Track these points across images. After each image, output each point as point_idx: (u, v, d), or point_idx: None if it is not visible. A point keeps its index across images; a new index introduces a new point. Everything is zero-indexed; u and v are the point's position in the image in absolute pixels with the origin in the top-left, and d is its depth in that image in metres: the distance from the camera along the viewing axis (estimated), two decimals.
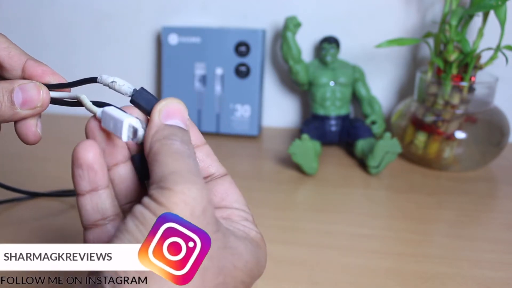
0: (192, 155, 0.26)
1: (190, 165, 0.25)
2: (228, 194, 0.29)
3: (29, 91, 0.29)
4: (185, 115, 0.28)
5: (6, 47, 0.31)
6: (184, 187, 0.23)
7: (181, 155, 0.25)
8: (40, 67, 0.31)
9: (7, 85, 0.29)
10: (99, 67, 0.87)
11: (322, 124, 0.73)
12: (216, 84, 0.78)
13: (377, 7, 0.76)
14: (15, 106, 0.29)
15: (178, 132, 0.27)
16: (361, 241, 0.49)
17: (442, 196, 0.59)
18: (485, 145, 0.65)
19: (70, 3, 0.85)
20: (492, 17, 0.63)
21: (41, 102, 0.30)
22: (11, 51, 0.31)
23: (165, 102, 0.28)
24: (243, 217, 0.28)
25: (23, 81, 0.30)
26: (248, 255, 0.26)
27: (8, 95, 0.29)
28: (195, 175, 0.24)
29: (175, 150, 0.25)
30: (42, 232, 0.50)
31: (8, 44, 0.31)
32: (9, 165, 0.66)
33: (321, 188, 0.61)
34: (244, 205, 0.29)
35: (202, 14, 0.81)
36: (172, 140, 0.26)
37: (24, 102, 0.29)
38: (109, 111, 0.27)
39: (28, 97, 0.29)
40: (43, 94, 0.30)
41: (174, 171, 0.24)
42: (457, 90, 0.64)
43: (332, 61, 0.74)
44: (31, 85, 0.30)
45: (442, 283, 0.42)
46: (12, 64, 0.31)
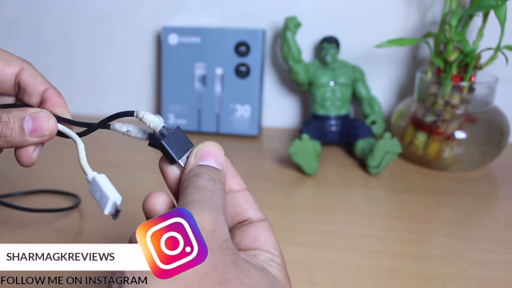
0: (217, 190, 0.28)
1: (209, 197, 0.27)
2: (260, 237, 0.30)
3: (39, 120, 0.31)
4: (219, 156, 0.30)
5: (32, 74, 0.33)
6: (197, 211, 0.25)
7: (203, 189, 0.27)
8: (57, 98, 0.33)
9: (19, 113, 0.31)
10: (99, 67, 0.87)
11: (322, 124, 0.73)
12: (216, 84, 0.78)
13: (377, 7, 0.76)
14: (25, 134, 0.30)
15: (208, 170, 0.29)
16: (361, 241, 0.49)
17: (442, 196, 0.59)
18: (485, 145, 0.65)
19: (70, 3, 0.85)
20: (492, 17, 0.63)
21: (49, 131, 0.31)
22: (36, 78, 0.33)
23: (201, 146, 0.30)
24: (269, 257, 0.29)
25: (34, 110, 0.31)
26: (260, 279, 0.26)
27: (20, 122, 0.30)
28: (211, 204, 0.27)
29: (199, 185, 0.28)
30: (42, 231, 0.50)
31: (34, 71, 0.33)
32: (9, 165, 0.65)
33: (321, 188, 0.61)
34: (274, 248, 0.30)
35: (202, 14, 0.81)
36: (198, 177, 0.28)
37: (34, 130, 0.31)
38: (99, 182, 0.29)
39: (38, 126, 0.31)
40: (52, 124, 0.31)
41: (192, 200, 0.26)
42: (457, 90, 0.64)
43: (332, 61, 0.74)
44: (42, 114, 0.31)
45: (442, 283, 0.42)
46: (34, 90, 0.33)
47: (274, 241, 0.30)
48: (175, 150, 0.30)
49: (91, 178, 0.29)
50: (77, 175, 0.33)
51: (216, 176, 0.29)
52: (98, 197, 0.29)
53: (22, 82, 0.33)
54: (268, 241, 0.30)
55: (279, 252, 0.30)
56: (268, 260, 0.29)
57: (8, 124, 0.30)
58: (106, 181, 0.29)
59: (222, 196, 0.28)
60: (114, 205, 0.28)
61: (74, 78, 0.88)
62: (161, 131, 0.30)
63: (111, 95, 0.88)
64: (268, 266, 0.28)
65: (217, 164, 0.30)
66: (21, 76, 0.33)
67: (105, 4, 0.84)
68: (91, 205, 0.55)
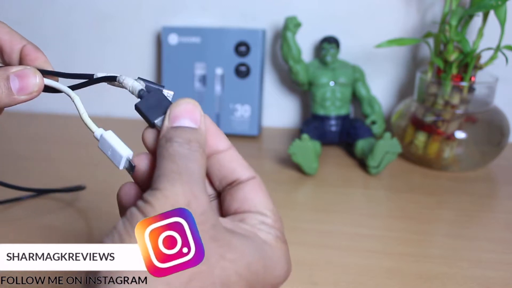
0: (193, 155, 0.26)
1: (183, 165, 0.25)
2: (249, 197, 0.28)
3: (25, 78, 0.30)
4: (194, 113, 0.28)
5: (9, 31, 0.33)
6: (167, 184, 0.24)
7: (175, 156, 0.26)
8: (36, 53, 0.32)
9: (2, 72, 0.30)
10: (99, 67, 0.87)
11: (322, 124, 0.73)
12: (216, 84, 0.78)
13: (377, 7, 0.76)
14: (13, 93, 0.30)
15: (182, 132, 0.27)
16: (361, 241, 0.49)
17: (442, 196, 0.59)
18: (485, 145, 0.65)
19: (70, 3, 0.85)
20: (492, 17, 0.63)
21: (37, 87, 0.31)
22: (13, 35, 0.33)
23: (174, 104, 0.28)
24: (259, 220, 0.27)
25: (18, 68, 0.31)
26: (245, 249, 0.25)
27: (5, 82, 0.30)
28: (184, 174, 0.25)
29: (171, 153, 0.26)
30: (42, 231, 0.50)
31: (10, 29, 0.33)
32: (10, 165, 0.66)
33: (321, 188, 0.61)
34: (265, 208, 0.28)
35: (202, 14, 0.81)
36: (171, 143, 0.26)
37: (21, 88, 0.30)
38: (108, 138, 0.29)
39: (25, 84, 0.30)
40: (38, 79, 0.31)
41: (163, 173, 0.25)
42: (457, 90, 0.64)
43: (332, 61, 0.74)
44: (27, 71, 0.31)
45: (442, 283, 0.42)
46: (12, 48, 0.33)
47: (265, 200, 0.28)
48: (152, 112, 0.28)
49: (99, 135, 0.29)
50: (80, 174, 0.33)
51: (192, 137, 0.27)
52: (110, 154, 0.29)
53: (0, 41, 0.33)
54: (258, 201, 0.28)
55: (271, 210, 0.28)
56: (258, 223, 0.27)
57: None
58: (114, 137, 0.29)
59: (200, 160, 0.26)
60: (128, 160, 0.28)
61: None
62: (140, 94, 0.29)
63: (111, 95, 0.88)
64: (257, 230, 0.27)
65: (192, 123, 0.27)
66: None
67: (105, 4, 0.84)
68: (92, 203, 0.55)
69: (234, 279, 0.24)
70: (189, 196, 0.24)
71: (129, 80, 0.30)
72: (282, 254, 0.27)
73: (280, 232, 0.28)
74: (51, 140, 0.76)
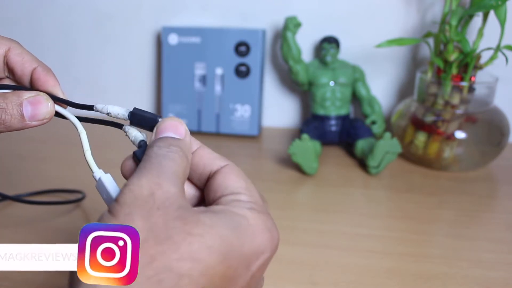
0: (171, 154, 0.27)
1: (156, 163, 0.26)
2: (220, 184, 0.28)
3: (37, 105, 0.31)
4: (178, 128, 0.29)
5: (20, 53, 0.33)
6: (133, 178, 0.25)
7: (151, 156, 0.27)
8: (46, 77, 0.33)
9: (15, 98, 0.31)
10: (99, 67, 0.87)
11: (322, 124, 0.73)
12: (216, 84, 0.78)
13: (377, 7, 0.76)
14: (25, 119, 0.31)
15: (164, 139, 0.28)
16: (361, 241, 0.49)
17: (442, 196, 0.59)
18: (485, 145, 0.65)
19: (70, 3, 0.85)
20: (492, 17, 0.63)
21: (48, 114, 0.32)
22: (24, 57, 0.33)
23: (159, 122, 0.29)
24: (231, 199, 0.27)
25: (31, 94, 0.31)
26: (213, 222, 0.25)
27: (18, 108, 0.31)
28: (155, 169, 0.26)
29: (148, 154, 0.27)
30: (41, 231, 0.50)
31: (22, 50, 0.33)
32: (10, 165, 0.66)
33: (321, 188, 0.61)
34: (238, 188, 0.28)
35: (202, 14, 0.81)
36: (151, 148, 0.27)
37: (33, 115, 0.31)
38: (105, 183, 0.29)
39: (38, 111, 0.31)
40: (50, 107, 0.32)
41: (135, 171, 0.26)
42: (457, 90, 0.64)
43: (332, 61, 0.74)
44: (40, 98, 0.31)
45: (442, 283, 0.42)
46: (23, 70, 0.33)
47: (237, 181, 0.29)
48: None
49: (98, 178, 0.29)
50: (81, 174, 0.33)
51: (174, 143, 0.28)
52: (105, 197, 0.29)
53: (10, 63, 0.33)
54: (230, 183, 0.28)
55: (245, 188, 0.28)
56: (230, 201, 0.27)
57: (7, 111, 0.30)
58: (111, 182, 0.29)
59: (177, 159, 0.27)
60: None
61: (74, 78, 0.88)
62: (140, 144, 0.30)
63: (111, 95, 0.88)
64: (230, 207, 0.27)
65: (176, 135, 0.29)
66: (9, 57, 0.33)
67: (105, 4, 0.84)
68: (95, 203, 0.55)
69: (204, 252, 0.24)
70: (153, 187, 0.25)
71: (133, 130, 0.31)
72: (259, 222, 0.27)
73: (255, 204, 0.28)
74: (51, 140, 0.76)
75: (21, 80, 0.33)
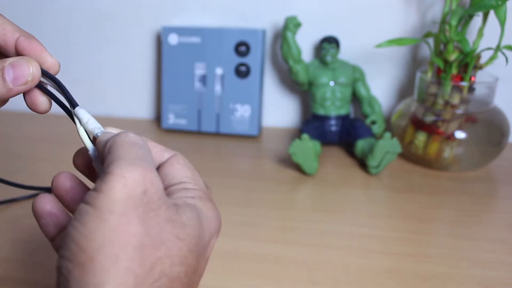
0: (145, 146, 0.27)
1: (139, 152, 0.26)
2: (166, 173, 0.29)
3: (19, 67, 0.30)
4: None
5: (1, 23, 0.32)
6: (125, 170, 0.24)
7: (133, 143, 0.26)
8: (31, 45, 0.32)
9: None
10: (99, 67, 0.87)
11: (322, 124, 0.73)
12: (216, 84, 0.78)
13: (377, 7, 0.76)
14: (7, 83, 0.30)
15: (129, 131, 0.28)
16: (361, 241, 0.49)
17: (442, 196, 0.59)
18: (485, 145, 0.65)
19: (70, 3, 0.85)
20: (492, 17, 0.63)
21: (31, 76, 0.30)
22: (5, 27, 0.32)
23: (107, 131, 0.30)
24: (179, 188, 0.29)
25: (13, 59, 0.31)
26: (191, 223, 0.26)
27: (0, 73, 0.30)
28: (141, 159, 0.25)
29: (128, 140, 0.27)
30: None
31: (3, 21, 0.32)
32: (10, 165, 0.66)
33: (321, 188, 0.61)
34: (184, 177, 0.29)
35: (202, 14, 0.81)
36: (126, 134, 0.27)
37: (15, 78, 0.30)
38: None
39: (19, 73, 0.30)
40: (33, 69, 0.31)
41: (120, 156, 0.25)
42: (457, 90, 0.64)
43: (332, 61, 0.74)
44: (21, 61, 0.31)
45: (442, 283, 0.42)
46: (5, 41, 0.32)
47: (182, 170, 0.30)
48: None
49: (92, 151, 0.30)
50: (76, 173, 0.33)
51: (138, 135, 0.28)
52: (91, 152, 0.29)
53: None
54: (176, 173, 0.29)
55: (190, 178, 0.29)
56: (179, 191, 0.28)
57: None
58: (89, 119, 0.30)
59: (147, 147, 0.28)
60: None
61: (74, 78, 0.88)
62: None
63: (111, 95, 0.88)
64: (185, 198, 0.28)
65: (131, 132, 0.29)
66: None
67: (105, 4, 0.84)
68: None
69: (187, 255, 0.26)
70: (145, 183, 0.25)
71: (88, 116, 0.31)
72: (210, 211, 0.29)
73: (202, 192, 0.29)
74: (50, 140, 0.76)
75: (6, 51, 0.32)
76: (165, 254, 0.25)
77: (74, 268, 0.23)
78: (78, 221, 0.24)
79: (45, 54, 0.32)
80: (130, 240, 0.24)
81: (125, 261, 0.23)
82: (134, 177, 0.24)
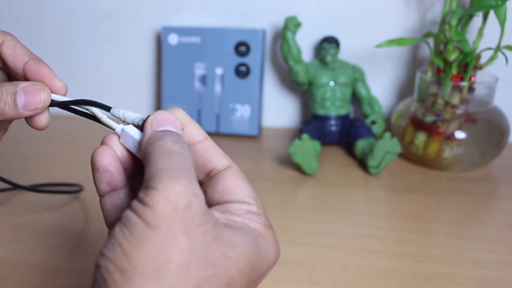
0: (184, 153, 0.26)
1: (178, 162, 0.25)
2: (229, 188, 0.28)
3: (31, 94, 0.31)
4: (176, 122, 0.28)
5: (13, 46, 0.33)
6: (167, 184, 0.24)
7: (170, 153, 0.25)
8: (39, 69, 0.32)
9: (11, 87, 0.31)
10: (99, 67, 0.87)
11: (322, 124, 0.73)
12: (216, 84, 0.78)
13: (377, 7, 0.76)
14: (18, 108, 0.31)
15: (171, 134, 0.27)
16: (361, 241, 0.49)
17: (442, 196, 0.59)
18: (485, 145, 0.65)
19: (70, 2, 0.85)
20: (492, 17, 0.63)
21: (41, 104, 0.32)
22: (16, 50, 0.33)
23: (155, 114, 0.28)
24: (244, 209, 0.28)
25: (26, 84, 0.31)
26: (245, 245, 0.25)
27: (12, 96, 0.31)
28: (181, 171, 0.25)
29: (166, 149, 0.26)
30: (40, 229, 0.50)
31: (15, 42, 0.33)
32: (10, 165, 0.66)
33: (321, 188, 0.61)
34: (247, 196, 0.28)
35: (202, 14, 0.81)
36: (163, 141, 0.26)
37: (26, 104, 0.31)
38: (129, 131, 0.29)
39: (31, 100, 0.31)
40: (44, 96, 0.32)
41: (160, 169, 0.24)
42: (457, 90, 0.64)
43: (332, 61, 0.74)
44: (34, 88, 0.31)
45: (442, 283, 0.42)
46: (15, 63, 0.33)
47: (246, 188, 0.29)
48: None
49: (119, 130, 0.29)
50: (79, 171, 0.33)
51: (180, 139, 0.27)
52: (132, 146, 0.29)
53: (3, 55, 0.33)
54: (240, 190, 0.28)
55: (253, 198, 0.29)
56: (246, 213, 0.28)
57: (1, 98, 0.31)
58: (134, 129, 0.29)
59: (191, 159, 0.27)
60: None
61: (74, 78, 0.88)
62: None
63: (111, 95, 0.88)
64: (248, 221, 0.27)
65: (176, 130, 0.28)
66: (1, 49, 0.33)
67: (105, 3, 0.84)
68: (90, 203, 0.55)
69: (237, 277, 0.25)
70: (190, 196, 0.24)
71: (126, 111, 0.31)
72: (272, 240, 0.28)
73: (266, 219, 0.28)
74: (50, 140, 0.76)
75: (14, 73, 0.33)
76: (212, 274, 0.24)
77: (115, 271, 0.23)
78: (126, 228, 0.23)
79: (54, 78, 0.33)
80: (175, 256, 0.23)
81: (169, 277, 0.23)
82: (177, 190, 0.24)
